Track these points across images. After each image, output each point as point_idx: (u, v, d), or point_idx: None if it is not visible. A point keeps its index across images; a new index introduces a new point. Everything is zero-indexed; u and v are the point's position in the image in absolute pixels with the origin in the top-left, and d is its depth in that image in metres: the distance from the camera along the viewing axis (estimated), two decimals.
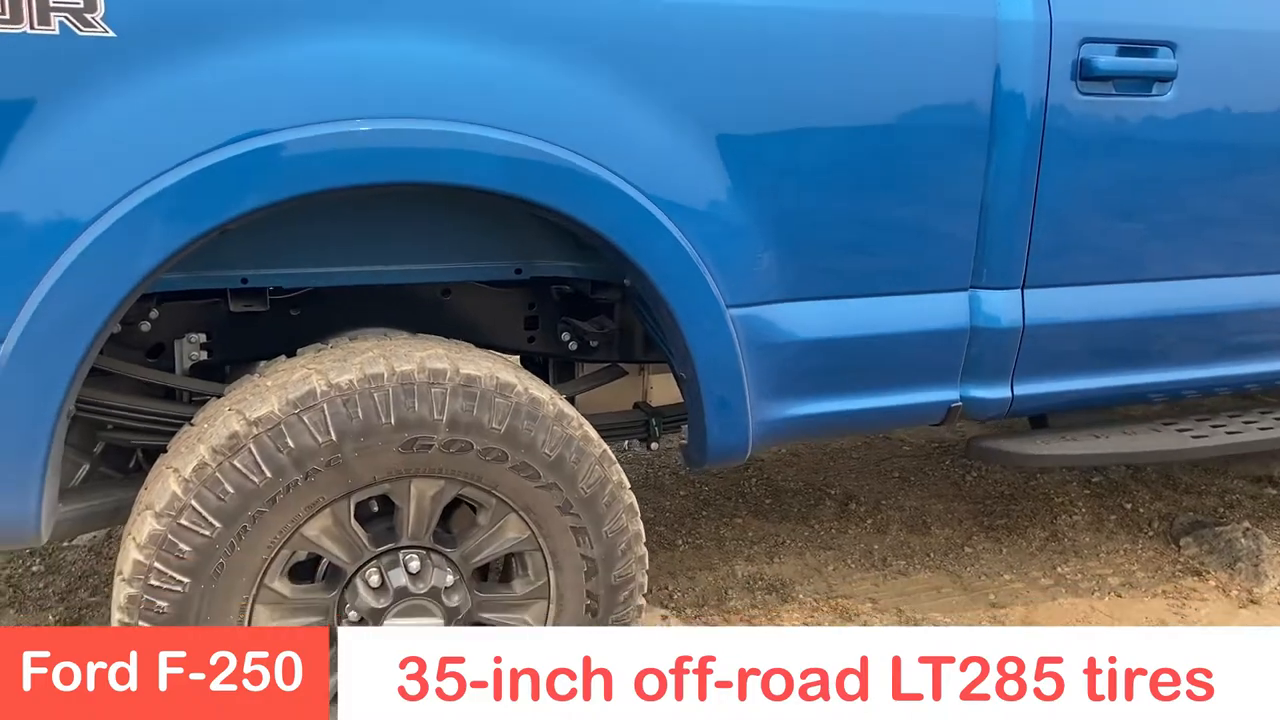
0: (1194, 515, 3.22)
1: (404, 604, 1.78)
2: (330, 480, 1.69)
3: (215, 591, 1.66)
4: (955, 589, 2.83)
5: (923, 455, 3.77)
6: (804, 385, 2.08)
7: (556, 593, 1.90)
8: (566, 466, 1.83)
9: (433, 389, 1.71)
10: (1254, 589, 2.82)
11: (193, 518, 1.62)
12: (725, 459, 2.11)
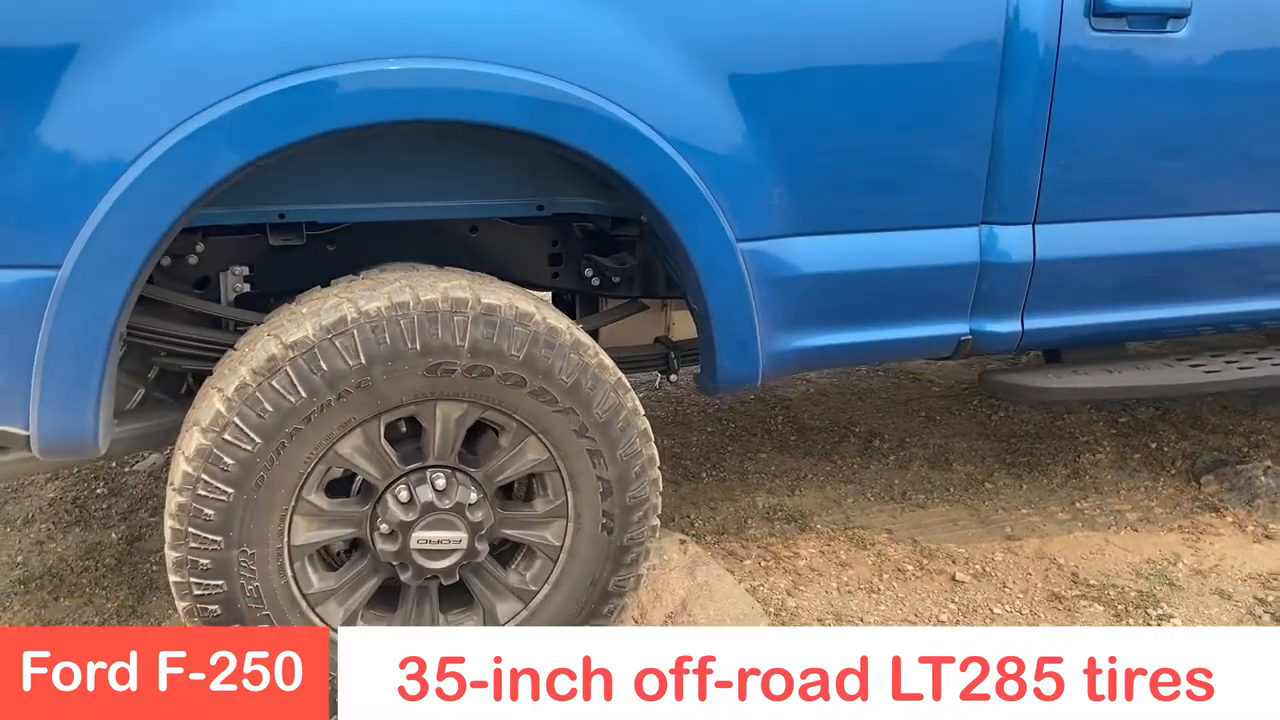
0: (1218, 454, 3.24)
1: (430, 518, 1.90)
2: (361, 401, 1.81)
3: (257, 502, 1.80)
4: (972, 521, 2.90)
5: (950, 396, 3.81)
6: (813, 318, 2.14)
7: (574, 512, 2.01)
8: (583, 392, 1.93)
9: (455, 317, 1.82)
10: (1270, 525, 2.85)
11: (235, 433, 1.76)
12: (736, 387, 2.20)
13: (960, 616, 2.45)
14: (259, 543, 1.82)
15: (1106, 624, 2.42)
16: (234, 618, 1.84)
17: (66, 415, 1.73)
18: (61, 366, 1.69)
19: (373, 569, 1.96)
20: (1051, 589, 2.56)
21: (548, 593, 2.04)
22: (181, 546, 1.79)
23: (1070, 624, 2.42)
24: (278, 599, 1.86)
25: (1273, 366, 2.52)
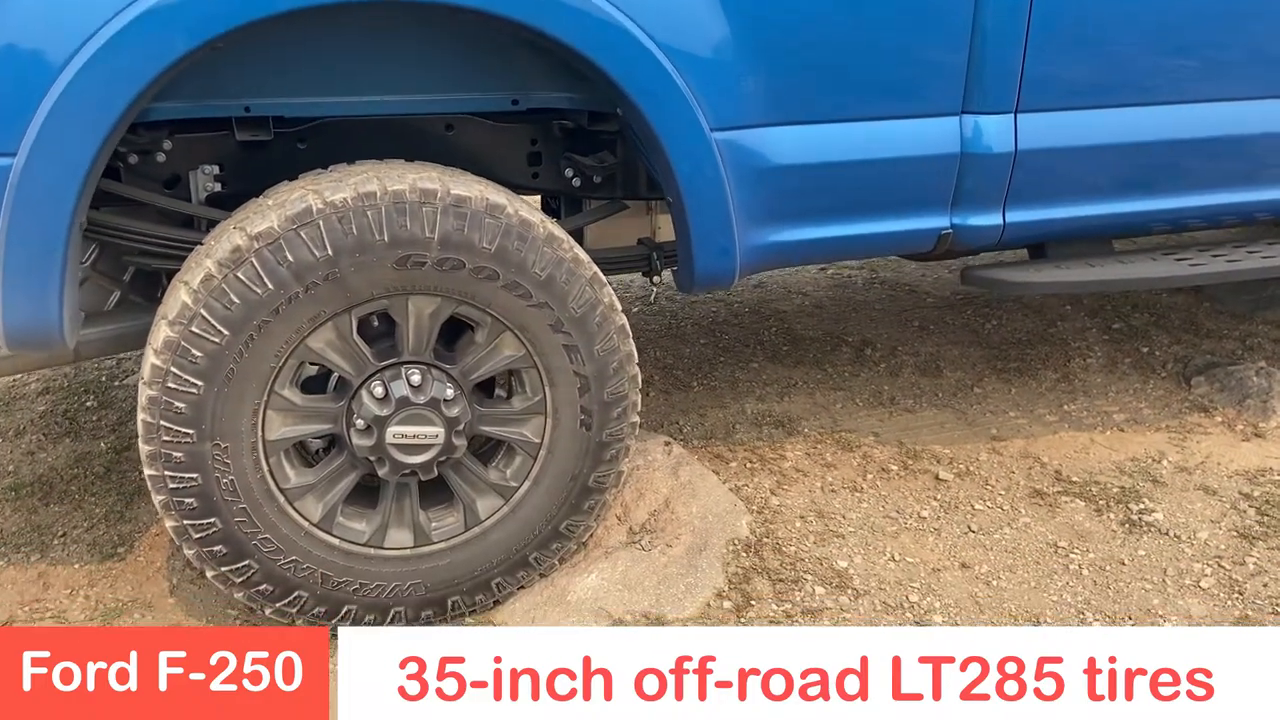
0: (1211, 357, 3.22)
1: (405, 412, 1.91)
2: (330, 294, 1.81)
3: (228, 395, 1.81)
4: (959, 424, 2.90)
5: (945, 306, 3.79)
6: (791, 211, 2.11)
7: (552, 408, 2.01)
8: (557, 286, 1.92)
9: (424, 208, 1.81)
10: (1260, 424, 2.84)
11: (203, 325, 1.76)
12: (713, 283, 2.19)
13: (941, 513, 2.46)
14: (232, 437, 1.83)
15: (1086, 519, 2.43)
16: (210, 511, 1.86)
17: (29, 305, 1.73)
18: (21, 254, 1.69)
19: (350, 465, 1.97)
20: (1034, 486, 2.57)
21: (528, 489, 2.05)
22: (154, 440, 1.80)
23: (1051, 519, 2.43)
24: (254, 493, 1.88)
25: (1262, 260, 2.49)
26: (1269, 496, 2.50)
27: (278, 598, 1.95)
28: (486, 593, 2.08)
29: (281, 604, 1.96)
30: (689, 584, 2.14)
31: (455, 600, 2.06)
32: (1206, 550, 2.31)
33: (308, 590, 1.96)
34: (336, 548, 1.96)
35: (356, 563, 1.98)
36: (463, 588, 2.05)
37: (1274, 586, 2.18)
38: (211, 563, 1.89)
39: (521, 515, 2.05)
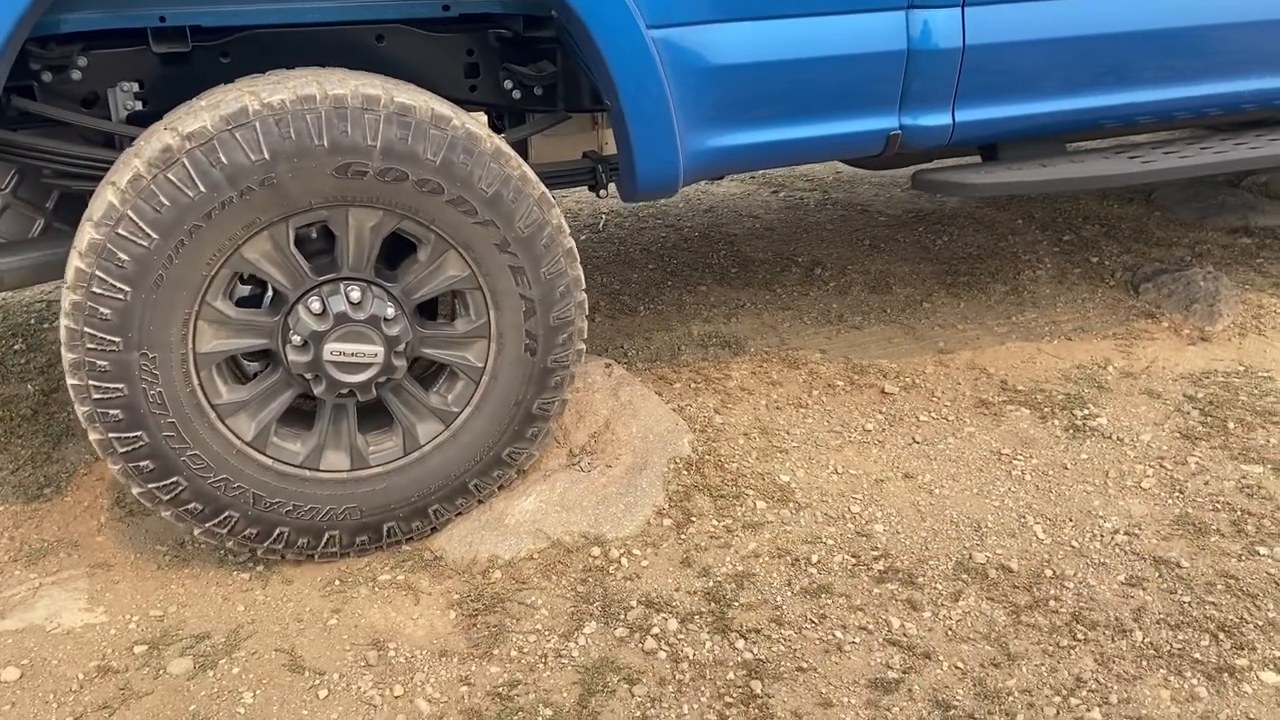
0: (1159, 265, 3.20)
1: (344, 329, 1.86)
2: (266, 200, 1.74)
3: (157, 303, 1.74)
4: (907, 339, 2.88)
5: (897, 224, 3.75)
6: (734, 113, 2.06)
7: (496, 331, 1.97)
8: (504, 204, 1.87)
9: (366, 114, 1.75)
10: (1206, 327, 2.84)
11: (130, 227, 1.69)
12: (657, 191, 2.13)
13: (886, 425, 2.44)
14: (161, 347, 1.77)
15: (1031, 426, 2.42)
16: (136, 425, 1.79)
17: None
18: None
19: (285, 383, 1.91)
20: (979, 396, 2.55)
21: (469, 415, 2.01)
22: (78, 347, 1.73)
23: (996, 427, 2.42)
24: (183, 408, 1.82)
25: (1215, 155, 2.44)
26: (1213, 398, 2.50)
27: (207, 517, 1.90)
28: (424, 519, 2.04)
29: (211, 524, 1.91)
30: (628, 503, 2.11)
31: (391, 526, 2.02)
32: (1149, 452, 2.31)
33: (238, 510, 1.90)
34: (270, 468, 1.91)
35: (291, 484, 1.92)
36: (399, 513, 2.01)
37: (1214, 484, 2.19)
38: (137, 479, 1.83)
39: (462, 441, 2.01)
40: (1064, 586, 1.91)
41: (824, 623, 1.83)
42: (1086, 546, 2.02)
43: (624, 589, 1.92)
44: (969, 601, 1.88)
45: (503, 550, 2.01)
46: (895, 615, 1.85)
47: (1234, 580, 1.91)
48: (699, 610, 1.86)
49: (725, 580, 1.94)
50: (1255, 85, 2.44)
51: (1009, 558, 1.99)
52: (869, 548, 2.02)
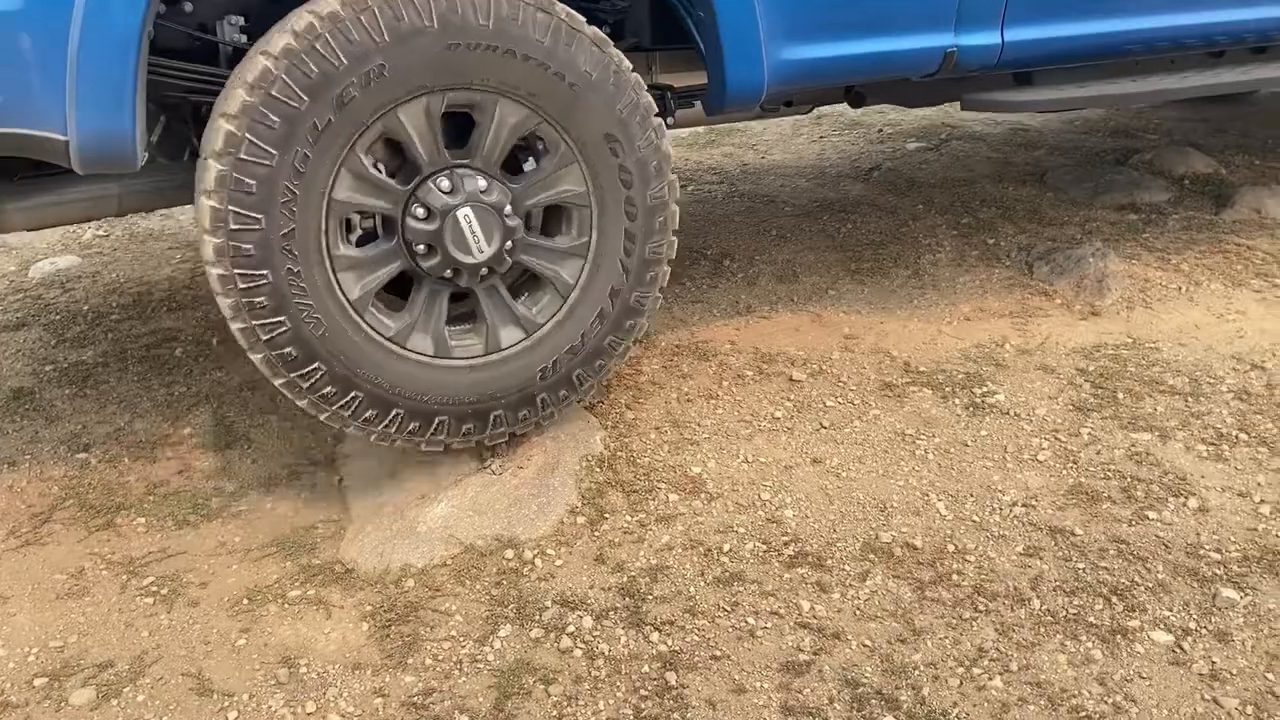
0: (1052, 243, 3.31)
1: (473, 205, 1.97)
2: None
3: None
4: (814, 326, 2.92)
5: (802, 214, 3.81)
6: (810, 27, 2.28)
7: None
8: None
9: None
10: (1096, 302, 2.95)
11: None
12: (743, 100, 2.30)
13: (794, 413, 2.49)
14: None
15: (933, 406, 2.49)
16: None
17: (104, 117, 1.72)
18: (95, 64, 1.69)
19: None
20: (884, 379, 2.62)
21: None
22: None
23: (899, 409, 2.48)
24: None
25: (1242, 73, 2.72)
26: (1103, 370, 2.60)
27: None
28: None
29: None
30: (541, 504, 2.11)
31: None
32: (1044, 425, 2.40)
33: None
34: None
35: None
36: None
37: (1106, 453, 2.28)
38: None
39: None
40: (966, 560, 1.97)
41: (736, 610, 1.86)
42: (987, 520, 2.08)
43: (539, 590, 1.92)
44: (876, 580, 1.93)
45: (415, 558, 2.00)
46: (806, 598, 1.89)
47: (1125, 545, 1.99)
48: (614, 606, 1.88)
49: (639, 574, 1.95)
50: (1258, 14, 2.75)
51: (913, 535, 2.04)
52: (779, 534, 2.06)
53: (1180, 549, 1.97)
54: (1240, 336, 2.72)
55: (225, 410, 2.59)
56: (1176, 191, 3.69)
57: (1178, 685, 1.67)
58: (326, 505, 2.23)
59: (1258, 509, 2.07)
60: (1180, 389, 2.49)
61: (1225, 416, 2.37)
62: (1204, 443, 2.28)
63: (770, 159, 4.59)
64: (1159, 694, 1.66)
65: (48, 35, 1.67)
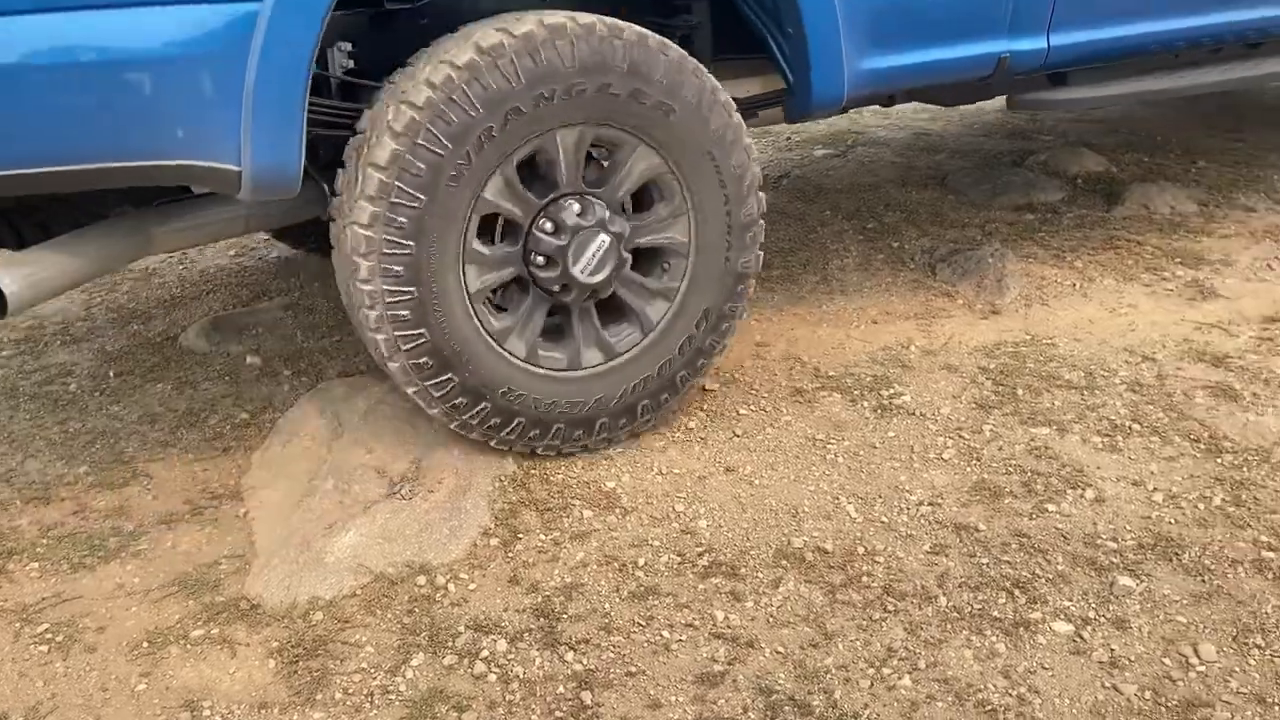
0: (954, 245, 3.40)
1: (604, 231, 2.15)
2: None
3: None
4: None
5: None
6: (886, 39, 2.48)
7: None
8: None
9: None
10: (996, 301, 3.04)
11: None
12: (825, 107, 2.52)
13: (708, 422, 2.50)
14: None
15: (843, 409, 2.53)
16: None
17: (276, 151, 1.83)
18: (270, 99, 1.79)
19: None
20: (795, 385, 2.65)
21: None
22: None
23: (810, 414, 2.51)
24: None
25: (1253, 69, 3.11)
26: (1004, 367, 2.68)
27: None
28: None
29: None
30: (453, 527, 2.09)
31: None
32: (949, 424, 2.45)
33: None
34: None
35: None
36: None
37: (1007, 449, 2.34)
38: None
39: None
40: (875, 561, 2.00)
41: (652, 624, 1.87)
42: (895, 520, 2.12)
43: (451, 615, 1.90)
44: (788, 586, 1.95)
45: (324, 590, 1.96)
46: (720, 608, 1.90)
47: (1026, 538, 2.05)
48: (528, 627, 1.86)
49: (554, 594, 1.94)
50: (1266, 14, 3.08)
51: (824, 539, 2.07)
52: (694, 545, 2.07)
53: (1079, 540, 2.03)
54: (1132, 330, 2.82)
55: (123, 446, 2.50)
56: (1070, 190, 3.82)
57: (1078, 674, 1.73)
58: (231, 540, 2.17)
59: (1151, 497, 2.15)
60: (1076, 383, 2.57)
61: (1119, 408, 2.46)
62: (1099, 434, 2.36)
63: None
64: (1061, 684, 1.71)
65: (227, 75, 1.77)
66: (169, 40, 1.74)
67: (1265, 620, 1.81)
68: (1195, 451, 2.28)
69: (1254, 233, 3.39)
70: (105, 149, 1.78)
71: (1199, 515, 2.08)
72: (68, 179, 1.80)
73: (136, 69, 1.73)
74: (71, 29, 1.70)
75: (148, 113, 1.76)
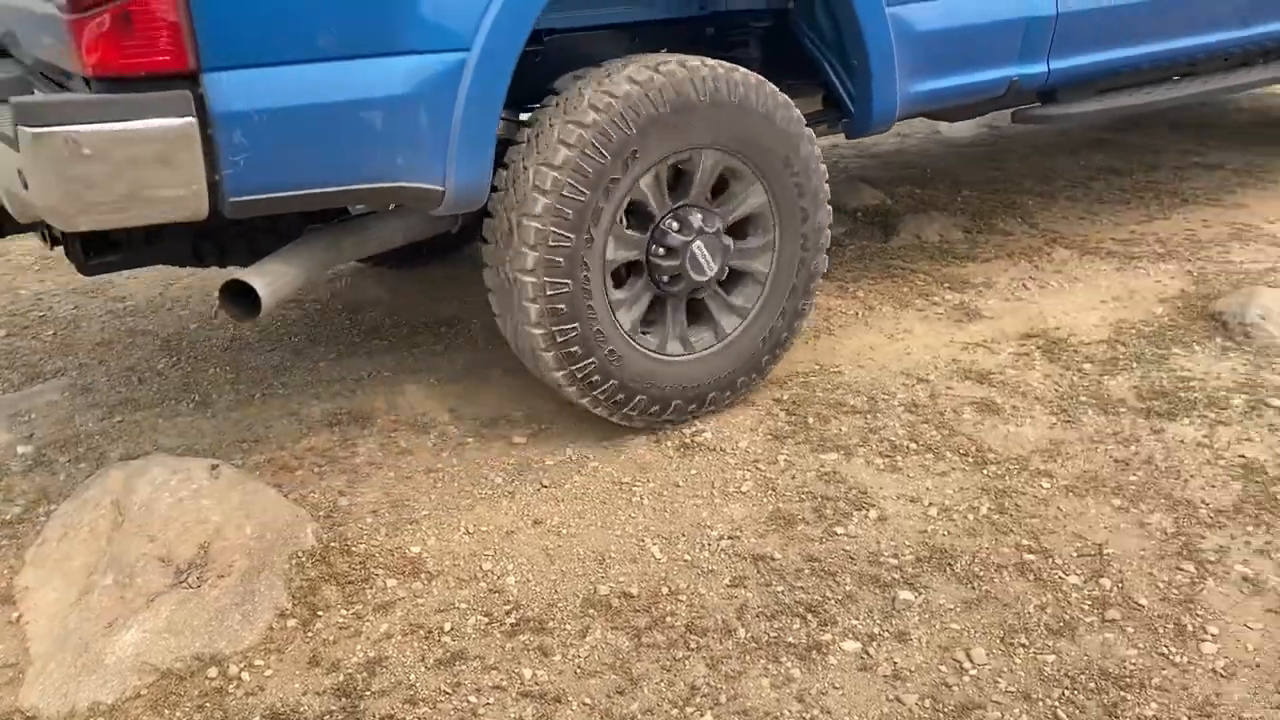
0: None
1: (701, 238, 2.55)
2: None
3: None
4: (538, 383, 2.96)
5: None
6: (926, 66, 2.91)
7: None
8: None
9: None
10: None
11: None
12: (883, 123, 2.93)
13: (515, 475, 2.51)
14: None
15: (647, 450, 2.59)
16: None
17: (474, 171, 2.21)
18: (472, 130, 2.17)
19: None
20: (601, 430, 2.66)
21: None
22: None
23: (617, 458, 2.56)
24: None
25: (1228, 79, 3.69)
26: (796, 397, 2.81)
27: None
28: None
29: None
30: (246, 612, 2.00)
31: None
32: (747, 457, 2.55)
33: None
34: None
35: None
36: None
37: (799, 477, 2.46)
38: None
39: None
40: (678, 600, 2.06)
41: (459, 691, 1.85)
42: (697, 557, 2.19)
43: (246, 706, 1.82)
44: (595, 635, 1.97)
45: (105, 694, 1.84)
46: (528, 665, 1.90)
47: (818, 562, 2.16)
48: (328, 710, 1.81)
49: (356, 671, 1.90)
50: (1229, 36, 3.58)
51: (630, 583, 2.11)
52: (501, 603, 2.07)
53: (864, 559, 2.16)
54: (908, 354, 3.03)
55: None
56: (851, 224, 4.07)
57: (866, 690, 1.83)
58: (3, 648, 2.01)
59: (926, 512, 2.31)
60: (860, 408, 2.74)
61: (898, 429, 2.63)
62: (881, 455, 2.52)
63: None
64: (850, 701, 1.80)
65: (440, 111, 2.14)
66: (399, 83, 2.09)
67: (1028, 620, 1.97)
68: (964, 465, 2.46)
69: (1011, 255, 3.71)
70: (348, 175, 2.13)
71: (968, 525, 2.25)
72: (317, 199, 2.15)
73: (375, 108, 2.08)
74: (326, 76, 2.04)
75: (381, 144, 2.11)
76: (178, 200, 1.95)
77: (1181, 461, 2.42)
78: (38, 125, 1.83)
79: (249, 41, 1.95)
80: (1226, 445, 2.47)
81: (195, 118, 1.90)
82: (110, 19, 1.82)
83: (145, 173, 1.89)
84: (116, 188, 1.88)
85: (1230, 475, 2.36)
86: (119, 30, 1.83)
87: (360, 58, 2.06)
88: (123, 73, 1.86)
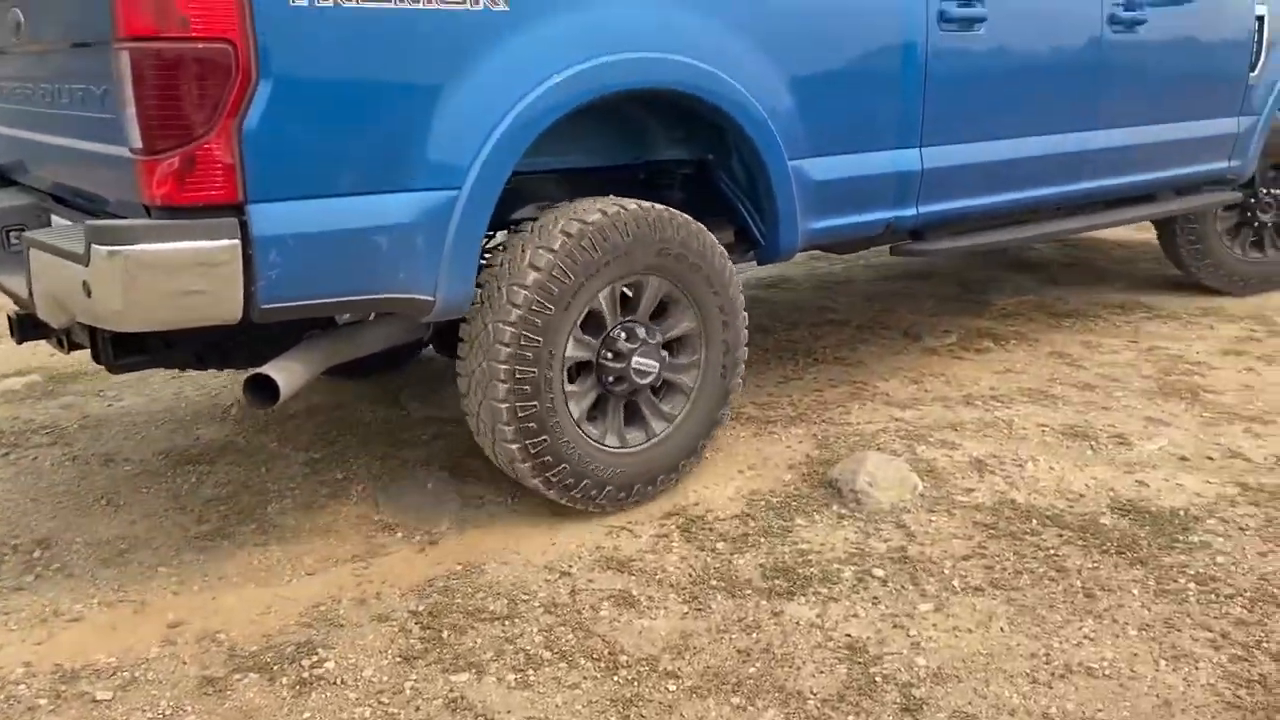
0: (401, 467, 3.40)
1: (643, 349, 3.06)
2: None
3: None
4: (135, 619, 2.63)
5: (145, 472, 3.51)
6: (820, 208, 3.45)
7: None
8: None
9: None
10: (433, 529, 3.06)
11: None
12: (787, 254, 3.46)
13: None
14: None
15: (259, 694, 2.32)
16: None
17: (460, 285, 2.68)
18: (460, 252, 2.65)
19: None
20: (206, 673, 2.39)
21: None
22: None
23: (220, 707, 2.27)
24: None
25: (1083, 221, 4.54)
26: (433, 606, 2.64)
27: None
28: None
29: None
30: None
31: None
32: (370, 688, 2.32)
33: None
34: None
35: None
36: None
37: (425, 707, 2.23)
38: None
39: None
40: None
41: None
42: None
43: None
44: None
45: None
46: None
47: None
48: None
49: None
50: (1065, 189, 4.32)
51: None
52: None
53: None
54: (553, 544, 2.95)
55: None
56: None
57: None
58: None
59: None
60: (499, 613, 2.62)
61: (535, 636, 2.52)
62: (514, 671, 2.38)
63: (119, 405, 4.20)
64: None
65: (435, 236, 2.59)
66: (405, 214, 2.54)
67: None
68: (596, 672, 2.38)
69: None
70: (359, 286, 2.53)
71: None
72: (331, 307, 2.62)
73: (384, 233, 2.51)
74: (346, 207, 2.46)
75: (387, 261, 2.52)
76: (218, 306, 2.32)
77: (796, 647, 2.45)
78: (111, 244, 2.22)
79: (287, 180, 2.36)
80: (835, 625, 2.53)
81: (239, 240, 2.29)
82: (179, 160, 2.22)
83: (194, 283, 2.26)
84: (170, 295, 2.26)
85: (837, 658, 2.41)
86: (185, 169, 2.23)
87: (374, 194, 2.49)
88: (184, 203, 2.25)
